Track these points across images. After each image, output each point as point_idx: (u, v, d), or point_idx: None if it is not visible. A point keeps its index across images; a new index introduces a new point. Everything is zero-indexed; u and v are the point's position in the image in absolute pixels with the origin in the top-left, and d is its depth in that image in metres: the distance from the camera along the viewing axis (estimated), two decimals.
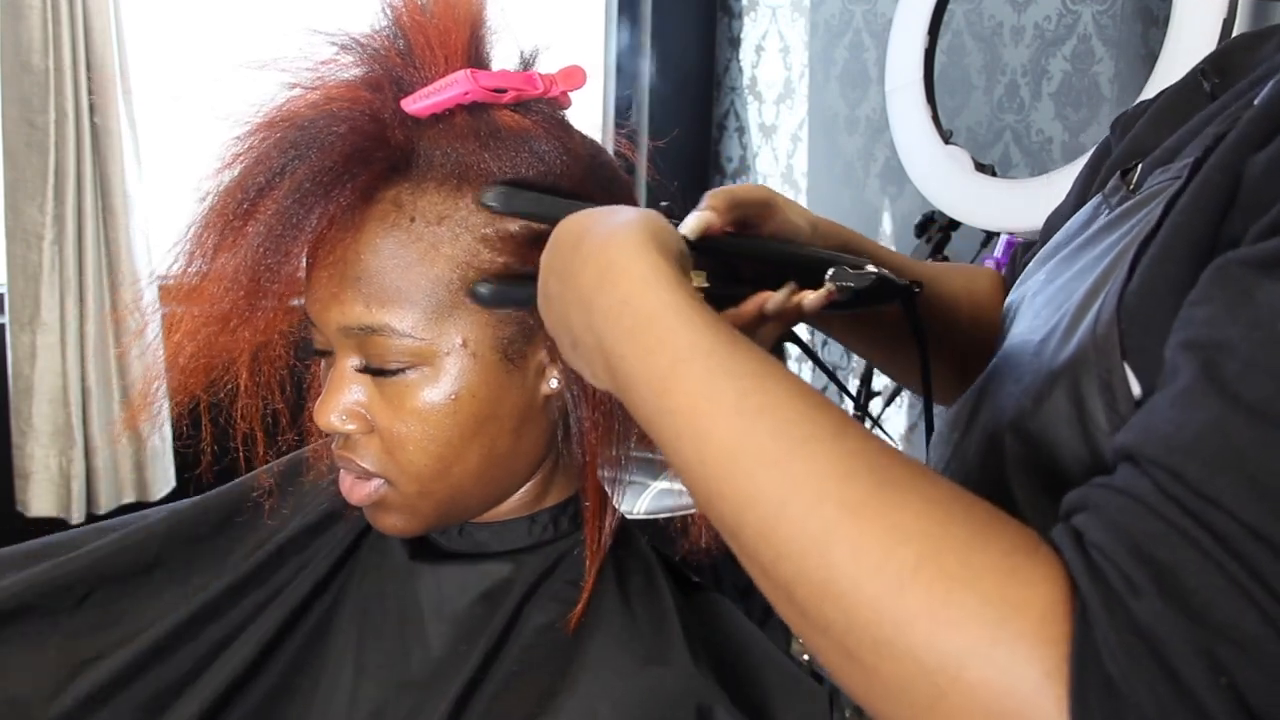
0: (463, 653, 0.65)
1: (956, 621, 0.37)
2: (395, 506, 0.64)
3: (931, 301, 0.77)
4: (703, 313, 0.47)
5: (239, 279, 0.58)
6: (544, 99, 0.64)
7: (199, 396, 0.64)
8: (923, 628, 0.38)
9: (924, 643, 0.38)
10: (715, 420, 0.44)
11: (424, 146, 0.60)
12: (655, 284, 0.48)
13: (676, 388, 0.46)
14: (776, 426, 0.43)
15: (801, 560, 0.41)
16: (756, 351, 0.47)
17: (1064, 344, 0.54)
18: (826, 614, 0.40)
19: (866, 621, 0.39)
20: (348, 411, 0.62)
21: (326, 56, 0.61)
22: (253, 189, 0.58)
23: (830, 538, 0.40)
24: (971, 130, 1.85)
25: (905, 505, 0.40)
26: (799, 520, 0.41)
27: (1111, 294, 0.51)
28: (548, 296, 0.54)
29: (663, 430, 0.46)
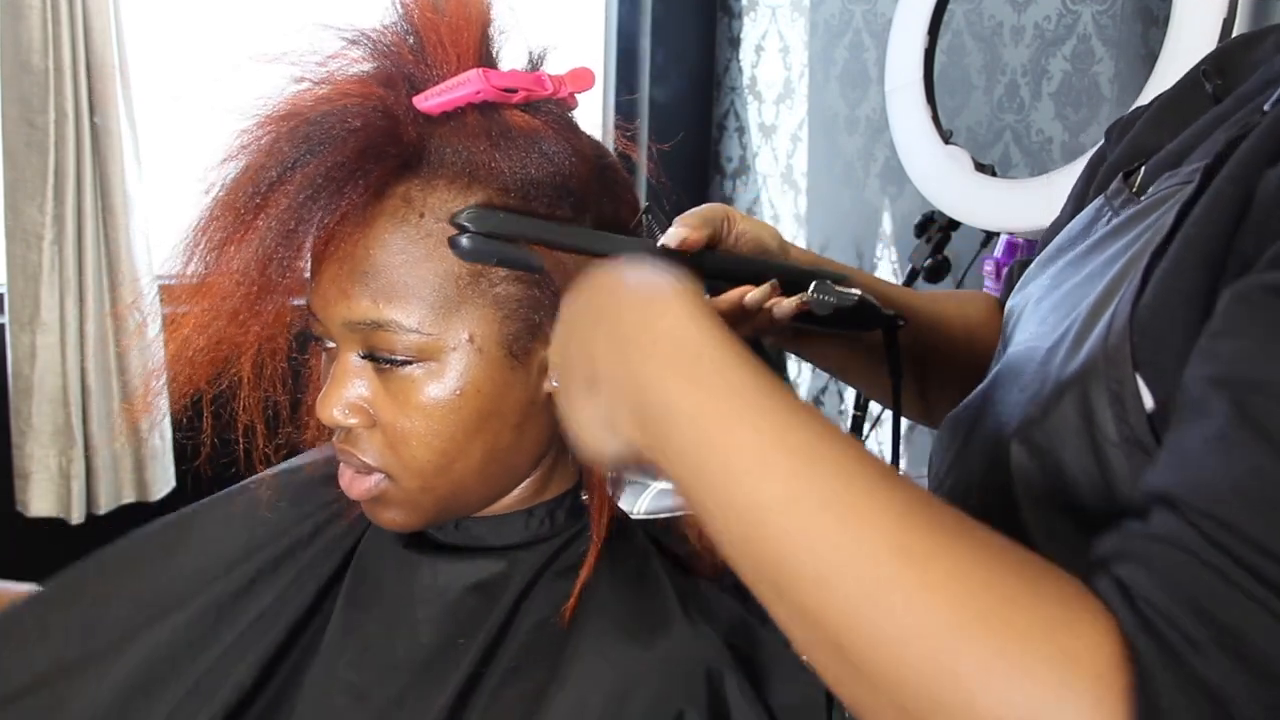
0: (461, 646, 0.65)
1: (1019, 677, 0.37)
2: (396, 501, 0.64)
3: (924, 326, 0.77)
4: (748, 352, 0.47)
5: (249, 273, 0.58)
6: (552, 100, 0.64)
7: (202, 391, 0.64)
8: (985, 682, 0.37)
9: (986, 697, 0.37)
10: (779, 459, 0.43)
11: (435, 144, 0.61)
12: (702, 321, 0.48)
13: (735, 423, 0.45)
14: (838, 469, 0.43)
15: (856, 606, 0.40)
16: (797, 397, 0.46)
17: (1073, 353, 0.54)
18: (880, 664, 0.39)
19: (924, 673, 0.38)
20: (350, 406, 0.62)
21: (335, 51, 0.61)
22: (264, 182, 0.58)
23: (889, 584, 0.39)
24: (971, 130, 1.85)
25: (963, 554, 0.40)
26: (857, 565, 0.40)
27: (1124, 303, 0.51)
28: (570, 333, 0.54)
29: (707, 467, 0.45)
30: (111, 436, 1.92)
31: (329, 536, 0.77)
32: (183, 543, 0.77)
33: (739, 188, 2.50)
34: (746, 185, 2.47)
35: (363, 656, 0.67)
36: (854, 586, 0.40)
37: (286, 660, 0.71)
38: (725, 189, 2.54)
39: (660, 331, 0.48)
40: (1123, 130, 0.73)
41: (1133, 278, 0.51)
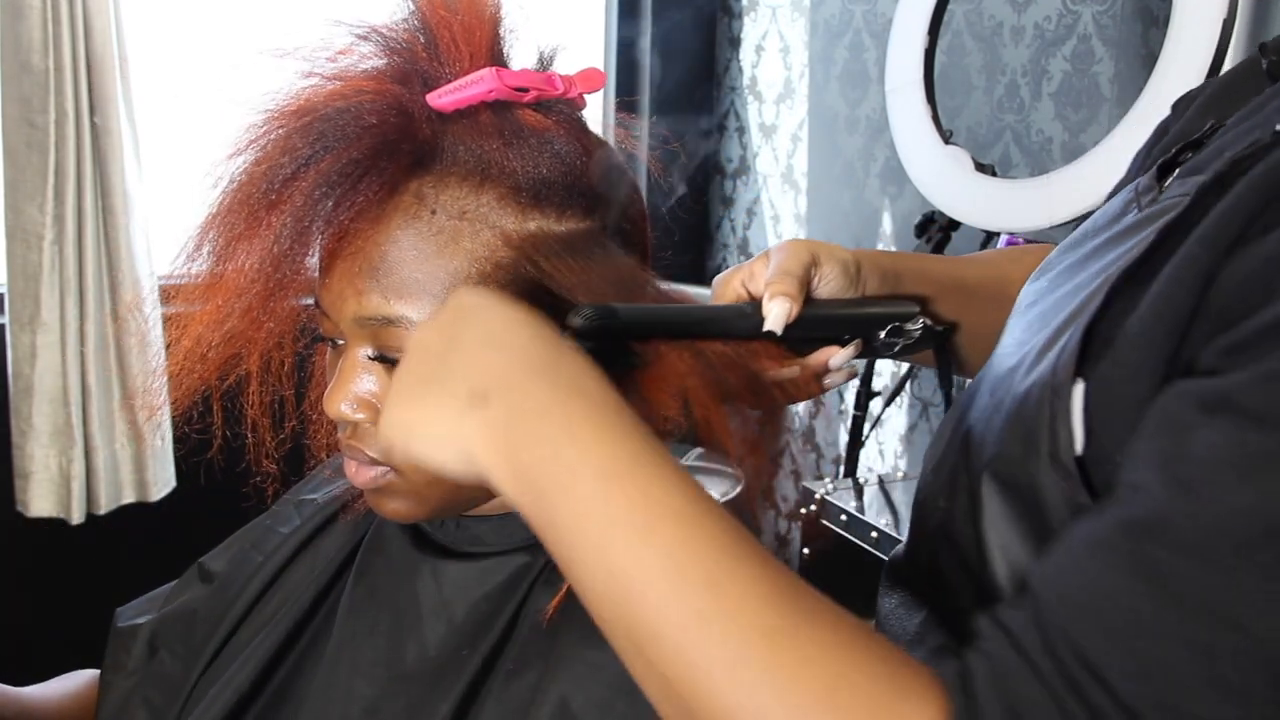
0: (464, 656, 0.65)
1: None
2: (400, 493, 0.64)
3: (987, 297, 0.76)
4: (639, 421, 0.48)
5: (264, 269, 0.58)
6: (563, 100, 0.64)
7: (212, 387, 0.64)
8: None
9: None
10: (665, 524, 0.44)
11: (448, 141, 0.61)
12: (599, 375, 0.49)
13: (630, 479, 0.45)
14: (719, 544, 0.44)
15: (712, 680, 0.42)
16: (679, 463, 0.48)
17: (1028, 374, 0.53)
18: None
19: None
20: (358, 400, 0.62)
21: (345, 47, 0.61)
22: (278, 178, 0.57)
23: (745, 662, 0.41)
24: (971, 130, 1.85)
25: (813, 637, 0.42)
26: (719, 639, 0.42)
27: (1074, 337, 0.50)
28: (466, 334, 0.50)
29: (590, 521, 0.45)
30: (112, 437, 1.92)
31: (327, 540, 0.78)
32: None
33: (739, 188, 2.50)
34: (746, 185, 2.47)
35: (372, 668, 0.67)
36: (715, 660, 0.42)
37: (284, 663, 0.71)
38: (725, 189, 2.54)
39: (568, 371, 0.48)
40: (1186, 104, 0.69)
41: (1093, 304, 0.50)
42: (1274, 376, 0.38)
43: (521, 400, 0.47)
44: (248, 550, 0.80)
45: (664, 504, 0.45)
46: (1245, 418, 0.38)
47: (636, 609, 0.44)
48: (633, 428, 0.47)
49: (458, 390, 0.48)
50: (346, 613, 0.70)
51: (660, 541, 0.44)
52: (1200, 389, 0.40)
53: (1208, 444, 0.39)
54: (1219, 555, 0.37)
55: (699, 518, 0.45)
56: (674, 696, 0.43)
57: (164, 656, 0.77)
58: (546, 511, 0.46)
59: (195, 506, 1.59)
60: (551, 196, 0.61)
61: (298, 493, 0.83)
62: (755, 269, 0.69)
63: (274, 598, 0.75)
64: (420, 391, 0.50)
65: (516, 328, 0.50)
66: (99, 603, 1.05)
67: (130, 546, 1.95)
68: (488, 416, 0.47)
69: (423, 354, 0.51)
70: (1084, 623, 0.39)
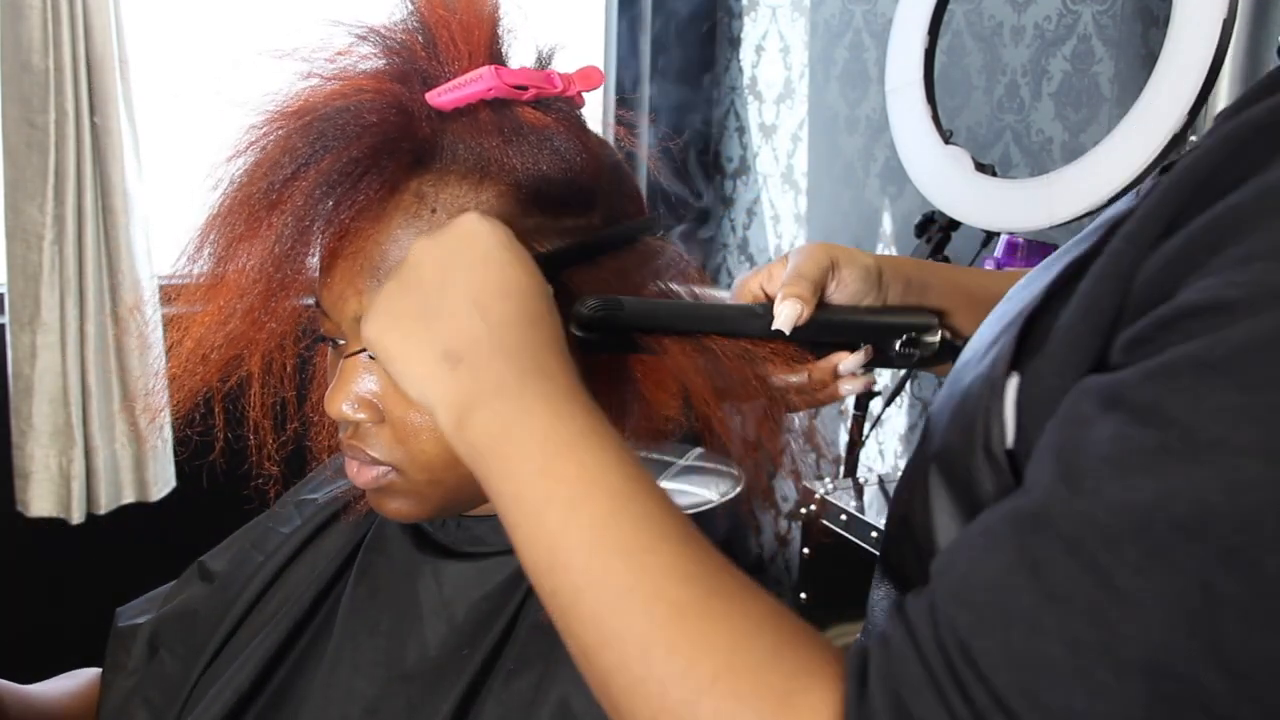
0: (465, 656, 0.65)
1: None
2: (402, 492, 0.64)
3: None
4: (592, 404, 0.51)
5: (265, 269, 0.58)
6: (562, 98, 0.64)
7: (215, 388, 0.64)
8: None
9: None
10: (595, 498, 0.47)
11: (448, 140, 0.61)
12: (566, 352, 0.52)
13: (570, 454, 0.48)
14: (641, 517, 0.46)
15: (624, 650, 0.43)
16: (621, 439, 0.50)
17: (973, 370, 0.53)
18: (636, 707, 0.43)
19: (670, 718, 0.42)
20: (359, 400, 0.62)
21: (344, 47, 0.61)
22: (279, 178, 0.58)
23: (654, 636, 0.43)
24: (971, 130, 1.85)
25: (722, 615, 0.43)
26: (634, 612, 0.44)
27: (1012, 330, 0.50)
28: (454, 284, 0.52)
29: (532, 484, 0.48)
30: (112, 437, 1.91)
31: (328, 540, 0.78)
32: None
33: (739, 188, 2.50)
34: (747, 185, 2.47)
35: (372, 668, 0.67)
36: (628, 633, 0.43)
37: (284, 663, 0.71)
38: (725, 189, 2.54)
39: (535, 350, 0.51)
40: None
41: (1034, 301, 0.50)
42: (1159, 373, 0.38)
43: (486, 374, 0.50)
44: (248, 550, 0.80)
45: (598, 480, 0.47)
46: (1132, 414, 0.38)
47: (561, 578, 0.46)
48: (583, 408, 0.50)
49: (435, 344, 0.51)
50: (347, 612, 0.70)
51: (588, 514, 0.46)
52: (1100, 385, 0.40)
53: (1096, 439, 0.39)
54: (1092, 550, 0.37)
55: (630, 494, 0.47)
56: (591, 669, 0.45)
57: (164, 656, 0.77)
58: (492, 480, 0.49)
59: (195, 506, 1.59)
60: (551, 193, 0.61)
61: (298, 492, 0.83)
62: (774, 271, 0.69)
63: (274, 597, 0.75)
64: (405, 325, 0.52)
65: (504, 295, 0.52)
66: (99, 603, 1.05)
67: (130, 546, 1.95)
68: (455, 379, 0.50)
69: (417, 280, 0.53)
70: (968, 614, 0.39)
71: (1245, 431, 0.35)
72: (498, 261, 0.53)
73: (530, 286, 0.53)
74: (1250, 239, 0.38)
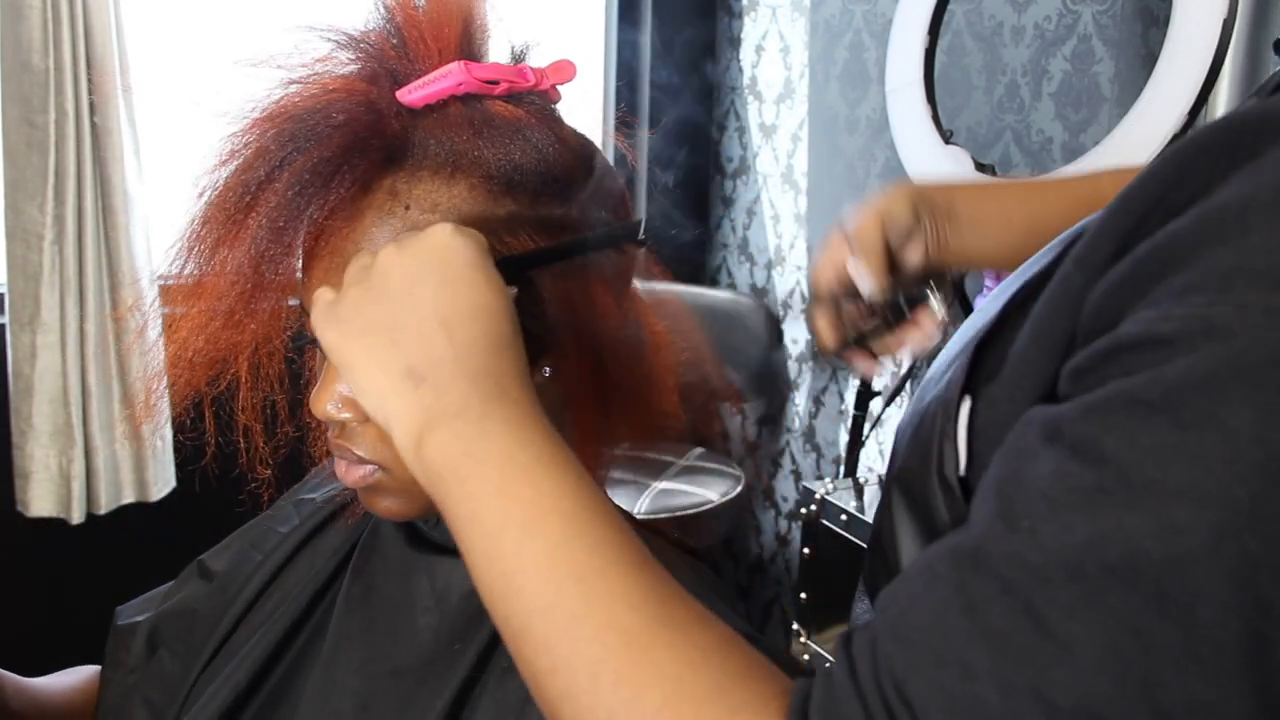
0: (457, 651, 0.65)
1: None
2: (390, 490, 0.64)
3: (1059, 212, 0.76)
4: (551, 429, 0.51)
5: (243, 272, 0.59)
6: (535, 92, 0.65)
7: (203, 392, 0.64)
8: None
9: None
10: (550, 522, 0.47)
11: (419, 136, 0.61)
12: (527, 377, 0.52)
13: (527, 479, 0.48)
14: (596, 542, 0.46)
15: (573, 678, 0.43)
16: (578, 465, 0.50)
17: (933, 389, 0.53)
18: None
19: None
20: (343, 400, 0.62)
21: (322, 53, 0.62)
22: (253, 183, 0.58)
23: (603, 663, 0.43)
24: (971, 130, 1.85)
25: (670, 645, 0.43)
26: (585, 639, 0.44)
27: (966, 352, 0.49)
28: (419, 301, 0.52)
29: (488, 507, 0.48)
30: (112, 437, 1.92)
31: (325, 539, 0.78)
32: None
33: (739, 188, 2.50)
34: (747, 185, 2.47)
35: (365, 664, 0.67)
36: (577, 660, 0.44)
37: (282, 661, 0.71)
38: (725, 189, 2.54)
39: (499, 374, 0.51)
40: None
41: (988, 321, 0.49)
42: (1097, 408, 0.38)
43: (449, 395, 0.50)
44: (247, 549, 0.80)
45: (555, 504, 0.47)
46: (1070, 450, 0.38)
47: (515, 603, 0.46)
48: (542, 434, 0.50)
49: (399, 360, 0.51)
50: (343, 611, 0.70)
51: (543, 538, 0.46)
52: (1044, 417, 0.40)
53: (1035, 474, 0.38)
54: (1027, 592, 0.37)
55: (587, 520, 0.47)
56: (542, 695, 0.45)
57: (164, 655, 0.78)
58: (448, 502, 0.49)
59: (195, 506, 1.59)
60: (524, 184, 0.61)
61: (297, 492, 0.83)
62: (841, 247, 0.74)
63: (272, 596, 0.75)
64: (369, 337, 0.52)
65: (473, 317, 0.52)
66: (99, 603, 1.05)
67: (130, 546, 1.95)
68: (417, 397, 0.50)
69: (383, 290, 0.53)
70: (905, 653, 0.39)
71: (1178, 472, 0.35)
72: (468, 281, 0.53)
73: (499, 308, 0.53)
74: (1188, 270, 0.38)
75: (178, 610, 0.80)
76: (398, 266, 0.53)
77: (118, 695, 0.78)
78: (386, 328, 0.52)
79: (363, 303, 0.53)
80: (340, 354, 0.52)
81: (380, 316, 0.52)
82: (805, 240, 2.31)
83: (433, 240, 0.54)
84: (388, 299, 0.52)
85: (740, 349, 2.29)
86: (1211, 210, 0.38)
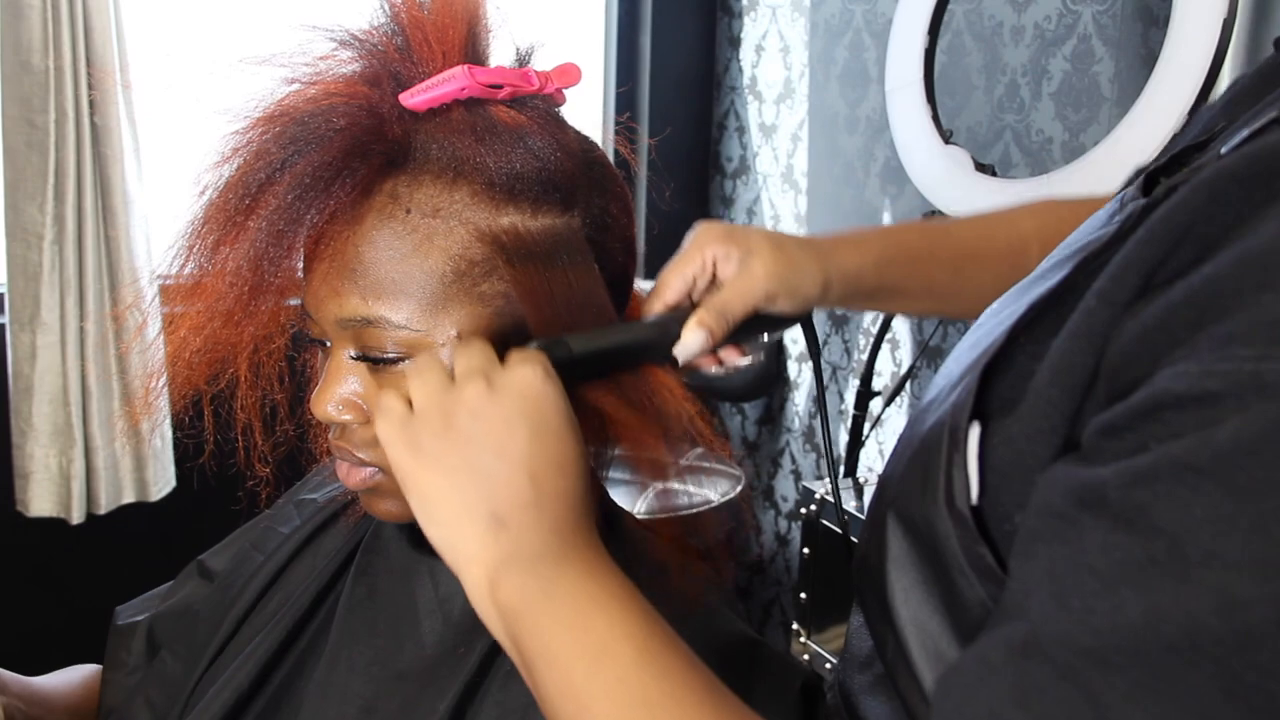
0: (460, 655, 0.65)
1: None
2: (391, 493, 0.64)
3: (986, 257, 0.73)
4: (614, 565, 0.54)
5: (241, 273, 0.59)
6: (539, 95, 0.64)
7: (202, 391, 0.64)
8: None
9: None
10: (622, 650, 0.49)
11: (420, 140, 0.61)
12: (595, 532, 0.55)
13: (599, 612, 0.50)
14: (664, 670, 0.49)
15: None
16: (654, 609, 0.52)
17: (934, 413, 0.51)
18: None
19: None
20: (344, 402, 0.62)
21: (325, 52, 0.62)
22: (254, 184, 0.58)
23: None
24: (971, 130, 1.85)
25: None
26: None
27: (973, 376, 0.48)
28: (511, 448, 0.53)
29: (561, 639, 0.50)
30: (112, 437, 1.91)
31: (327, 540, 0.78)
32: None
33: (739, 188, 2.50)
34: (746, 185, 2.47)
35: (368, 666, 0.67)
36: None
37: (284, 663, 0.71)
38: (725, 189, 2.54)
39: (577, 519, 0.53)
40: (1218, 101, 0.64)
41: (995, 345, 0.48)
42: (1144, 475, 0.36)
43: (529, 540, 0.52)
44: (248, 550, 0.80)
45: (626, 635, 0.49)
46: (1116, 520, 0.36)
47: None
48: (611, 572, 0.53)
49: (484, 504, 0.52)
50: (345, 612, 0.70)
51: (614, 667, 0.48)
52: (1080, 483, 0.38)
53: (1082, 548, 0.37)
54: (1085, 676, 0.35)
55: (656, 650, 0.49)
56: None
57: (166, 656, 0.77)
58: (521, 637, 0.51)
59: (195, 506, 1.59)
60: (525, 191, 0.61)
61: (298, 492, 0.83)
62: (689, 272, 0.69)
63: (274, 597, 0.75)
64: (454, 476, 0.53)
65: (560, 469, 0.53)
66: (99, 603, 1.05)
67: (130, 546, 1.95)
68: (496, 541, 0.52)
69: (472, 433, 0.53)
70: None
71: (1236, 543, 0.33)
72: (557, 434, 0.54)
73: (580, 459, 0.55)
74: (1230, 318, 0.35)
75: (178, 610, 0.80)
76: (488, 410, 0.53)
77: (119, 696, 0.78)
78: (473, 471, 0.52)
79: (447, 438, 0.53)
80: (417, 483, 0.53)
81: (468, 459, 0.53)
82: None
83: (524, 386, 0.54)
84: (475, 443, 0.53)
85: None
86: (1253, 252, 0.36)
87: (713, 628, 0.68)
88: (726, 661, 0.64)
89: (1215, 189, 0.39)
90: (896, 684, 0.52)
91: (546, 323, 0.61)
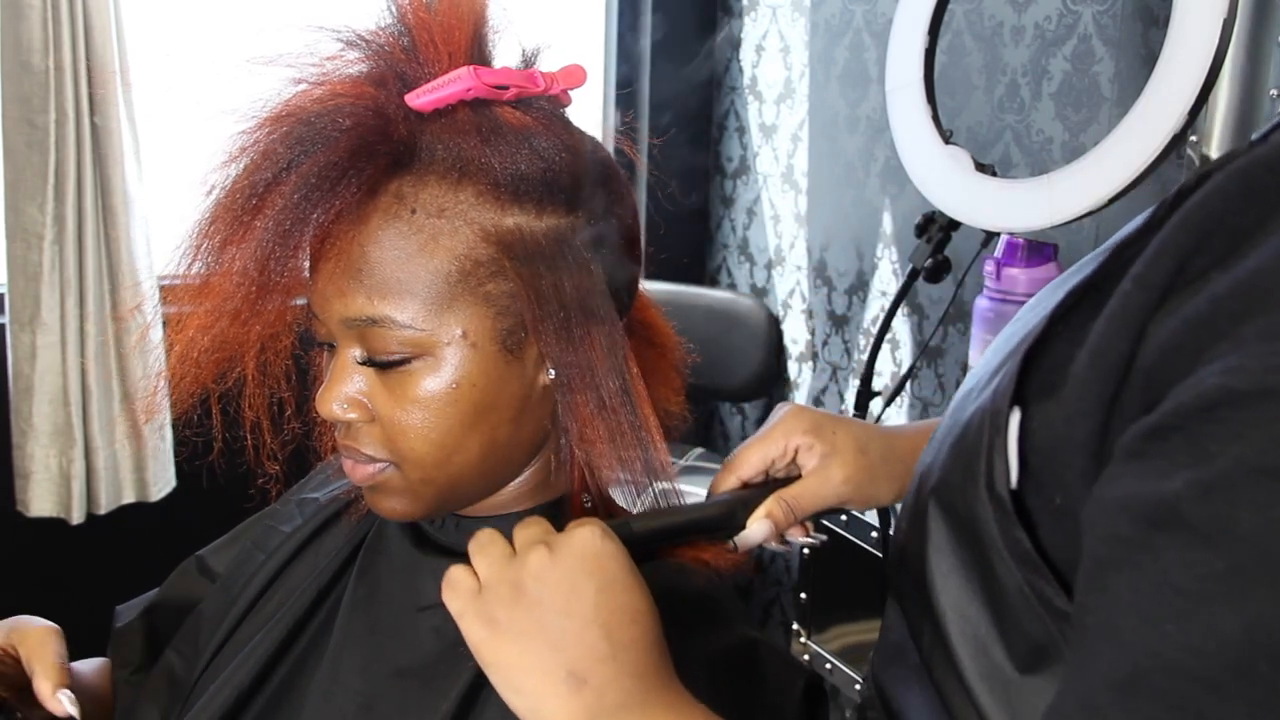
0: (463, 654, 0.65)
1: None
2: (397, 490, 0.64)
3: None
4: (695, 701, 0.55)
5: (248, 273, 0.59)
6: (545, 96, 0.64)
7: (209, 389, 0.65)
8: None
9: None
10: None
11: (426, 140, 0.61)
12: (674, 674, 0.55)
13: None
14: None
15: None
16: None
17: (974, 401, 0.51)
18: None
19: None
20: (349, 400, 0.62)
21: (331, 53, 0.62)
22: (260, 184, 0.58)
23: None
24: (971, 130, 1.85)
25: None
26: None
27: (1014, 362, 0.48)
28: (572, 594, 0.54)
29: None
30: (112, 437, 1.91)
31: (329, 539, 0.78)
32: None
33: (739, 188, 2.50)
34: (746, 185, 2.48)
35: (369, 665, 0.67)
36: None
37: (284, 661, 0.71)
38: (725, 189, 2.54)
39: (655, 669, 0.54)
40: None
41: (1035, 331, 0.48)
42: (1218, 485, 0.35)
43: (611, 694, 0.52)
44: (250, 549, 0.80)
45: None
46: (1193, 535, 0.35)
47: None
48: (695, 707, 0.54)
49: (560, 665, 0.52)
50: (347, 611, 0.70)
51: None
52: (1146, 503, 0.37)
53: (1161, 570, 0.36)
54: (1194, 703, 0.34)
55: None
56: None
57: (170, 655, 0.78)
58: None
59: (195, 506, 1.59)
60: (530, 192, 0.61)
61: (299, 491, 0.83)
62: (771, 453, 0.70)
63: (275, 596, 0.76)
64: (525, 642, 0.53)
65: (631, 621, 0.54)
66: (99, 603, 1.05)
67: (130, 546, 1.95)
68: (579, 699, 0.52)
69: (538, 598, 0.53)
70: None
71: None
72: (623, 585, 0.54)
73: (650, 608, 0.55)
74: (1278, 311, 0.35)
75: (178, 603, 0.80)
76: (552, 573, 0.54)
77: (127, 695, 0.78)
78: (542, 633, 0.53)
79: (518, 607, 0.53)
80: (494, 654, 0.54)
81: (539, 622, 0.53)
82: (805, 240, 2.31)
83: (584, 546, 0.54)
84: (543, 606, 0.53)
85: (740, 349, 2.29)
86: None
87: (717, 627, 0.68)
88: (731, 661, 0.64)
89: (1248, 177, 0.39)
90: (932, 674, 0.52)
91: (550, 323, 0.61)
